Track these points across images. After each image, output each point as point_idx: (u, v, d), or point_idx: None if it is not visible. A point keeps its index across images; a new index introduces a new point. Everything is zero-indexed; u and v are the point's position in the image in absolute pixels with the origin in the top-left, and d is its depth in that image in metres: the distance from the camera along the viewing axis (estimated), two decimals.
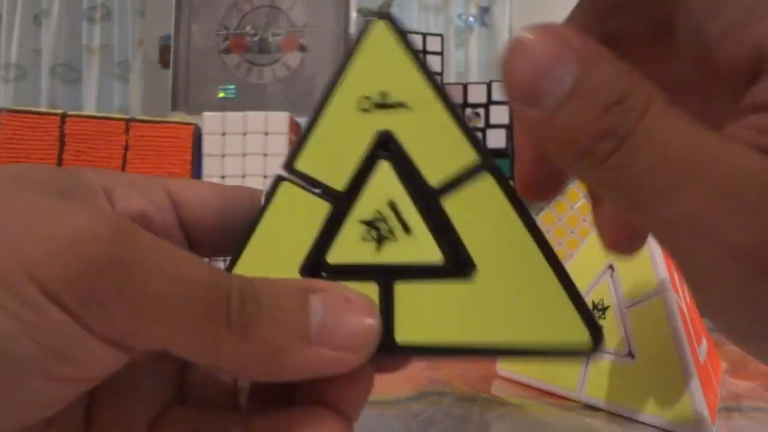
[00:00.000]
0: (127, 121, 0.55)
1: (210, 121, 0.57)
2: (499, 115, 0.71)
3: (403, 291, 0.17)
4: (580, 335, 0.16)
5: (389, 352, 0.17)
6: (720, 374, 0.34)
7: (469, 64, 2.21)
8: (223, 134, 0.57)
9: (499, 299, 0.16)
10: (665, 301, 0.28)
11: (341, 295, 0.15)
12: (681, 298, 0.29)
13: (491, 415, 0.28)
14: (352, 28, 0.70)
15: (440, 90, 0.17)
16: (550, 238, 0.48)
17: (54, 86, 1.80)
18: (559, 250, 0.48)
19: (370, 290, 0.17)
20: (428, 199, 0.17)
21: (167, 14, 0.73)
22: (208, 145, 0.57)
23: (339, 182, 0.17)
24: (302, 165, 0.17)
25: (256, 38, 0.71)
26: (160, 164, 0.54)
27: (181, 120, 0.57)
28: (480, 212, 0.17)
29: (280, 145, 0.57)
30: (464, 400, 0.30)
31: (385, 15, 0.18)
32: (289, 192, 0.17)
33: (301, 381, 0.16)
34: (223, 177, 0.57)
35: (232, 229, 0.19)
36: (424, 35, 0.68)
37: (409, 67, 0.17)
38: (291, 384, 0.17)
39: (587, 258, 0.31)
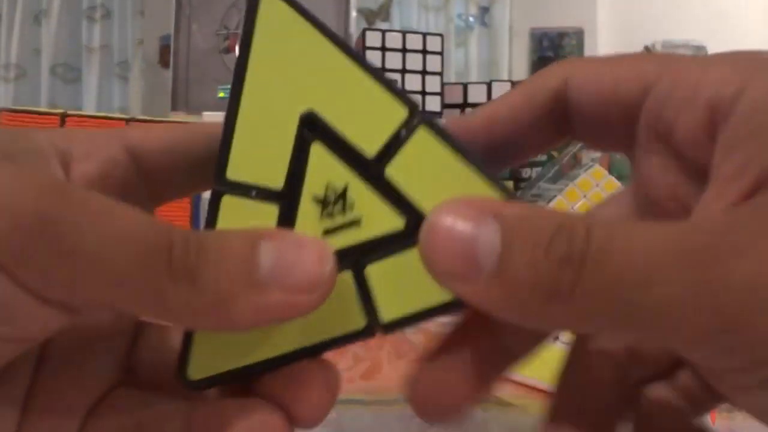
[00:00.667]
0: (127, 121, 0.55)
1: (210, 120, 0.57)
2: None
3: (375, 270, 0.16)
4: None
5: (380, 332, 0.16)
6: None
7: (469, 63, 2.21)
8: None
9: None
10: None
11: (293, 240, 0.15)
12: None
13: (491, 415, 0.28)
14: (352, 28, 0.70)
15: (351, 52, 0.16)
16: None
17: (54, 86, 1.80)
18: None
19: (345, 279, 0.16)
20: (371, 170, 0.16)
21: (167, 14, 0.73)
22: None
23: (277, 180, 0.17)
24: (233, 173, 0.17)
25: None
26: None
27: (181, 120, 0.57)
28: (425, 168, 0.16)
29: None
30: None
31: None
32: (231, 204, 0.17)
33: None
34: None
35: (190, 170, 0.19)
36: (424, 35, 0.68)
37: (312, 38, 0.16)
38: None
39: None
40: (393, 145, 0.16)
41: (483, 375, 0.16)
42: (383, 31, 0.68)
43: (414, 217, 0.17)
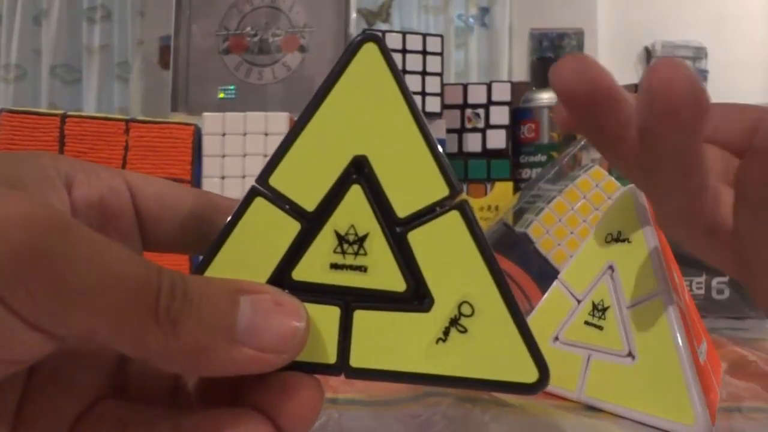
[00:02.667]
0: (127, 121, 0.55)
1: (210, 121, 0.57)
2: (499, 115, 0.71)
3: (362, 317, 0.17)
4: (529, 374, 0.17)
5: (344, 374, 0.17)
6: (720, 374, 0.34)
7: (469, 64, 2.21)
8: (223, 135, 0.57)
9: (452, 333, 0.17)
10: (665, 302, 0.28)
11: (271, 298, 0.16)
12: (681, 299, 0.29)
13: (491, 415, 0.28)
14: (352, 28, 0.70)
15: (420, 120, 0.18)
16: (550, 238, 0.48)
17: (54, 86, 1.81)
18: (559, 250, 0.48)
19: (331, 313, 0.17)
20: (395, 229, 0.18)
21: (167, 14, 0.73)
22: (208, 146, 0.57)
23: (310, 202, 0.18)
24: (276, 181, 0.18)
25: (256, 38, 0.71)
26: (160, 165, 0.54)
27: (181, 120, 0.57)
28: (443, 248, 0.18)
29: None
30: (464, 401, 0.30)
31: (374, 36, 0.18)
32: (261, 207, 0.18)
33: (227, 380, 0.16)
34: (223, 177, 0.57)
35: (182, 226, 0.20)
36: (424, 35, 0.68)
37: (393, 94, 0.18)
38: (235, 386, 0.18)
39: (587, 258, 0.31)
40: (424, 215, 0.18)
41: None
42: (383, 32, 0.68)
43: (417, 285, 0.18)
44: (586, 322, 0.30)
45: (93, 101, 1.79)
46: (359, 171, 0.18)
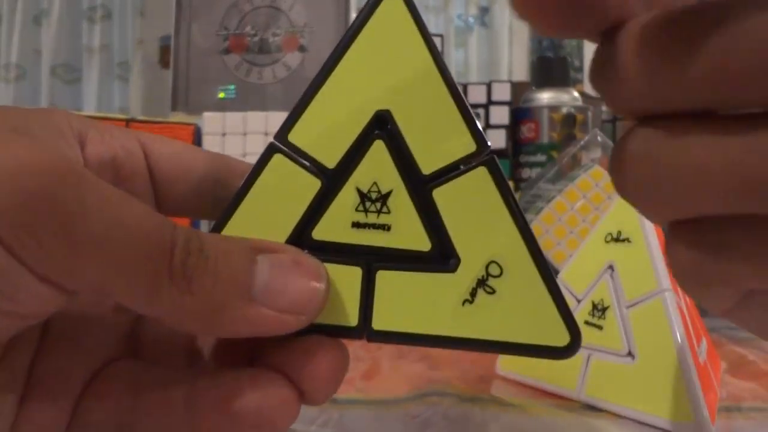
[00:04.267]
0: (127, 121, 0.55)
1: (210, 121, 0.57)
2: (499, 115, 0.71)
3: (384, 278, 0.17)
4: (560, 337, 0.16)
5: (366, 337, 0.17)
6: (720, 374, 0.34)
7: (469, 64, 2.21)
8: (223, 134, 0.57)
9: (479, 295, 0.17)
10: (665, 301, 0.28)
11: (290, 257, 0.15)
12: (681, 298, 0.29)
13: (491, 415, 0.28)
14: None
15: (447, 74, 0.17)
16: (550, 238, 0.48)
17: (54, 86, 1.80)
18: (559, 250, 0.48)
19: (353, 274, 0.17)
20: (420, 186, 0.17)
21: (167, 14, 0.73)
22: (208, 145, 0.57)
23: (331, 159, 0.17)
24: (296, 137, 0.17)
25: (256, 38, 0.71)
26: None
27: (181, 120, 0.57)
28: (470, 205, 0.17)
29: None
30: (464, 401, 0.30)
31: None
32: (280, 164, 0.17)
33: (243, 339, 0.16)
34: None
35: (197, 189, 0.19)
36: None
37: (418, 47, 0.17)
38: (254, 350, 0.17)
39: (587, 258, 0.31)
40: (450, 171, 0.17)
41: None
42: None
43: (442, 244, 0.17)
44: (586, 322, 0.30)
45: (93, 101, 1.79)
46: (382, 126, 0.17)
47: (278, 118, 0.57)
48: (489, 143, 0.17)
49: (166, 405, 0.16)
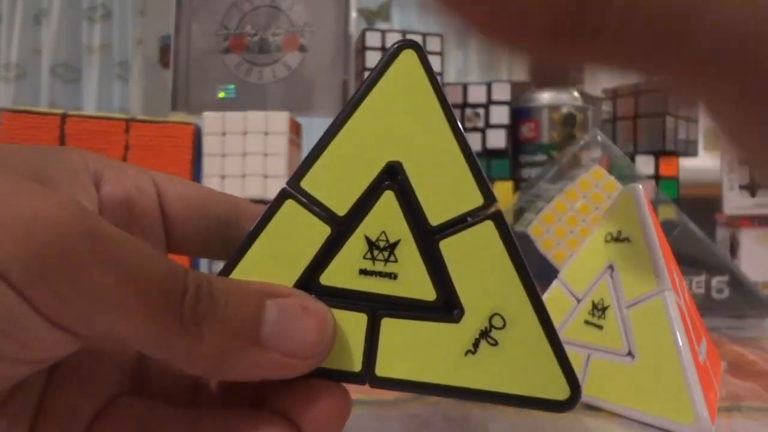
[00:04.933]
0: (128, 121, 0.55)
1: (210, 121, 0.57)
2: (499, 115, 0.71)
3: (389, 325, 0.17)
4: (560, 391, 0.17)
5: (369, 383, 0.17)
6: (720, 374, 0.34)
7: (469, 64, 2.21)
8: (223, 134, 0.57)
9: (482, 346, 0.17)
10: (665, 301, 0.28)
11: (298, 302, 0.16)
12: (681, 298, 0.29)
13: (491, 415, 0.28)
14: (352, 28, 0.70)
15: (457, 129, 0.17)
16: (550, 238, 0.48)
17: (54, 86, 1.80)
18: (559, 250, 0.48)
19: (359, 320, 0.17)
20: (427, 237, 0.17)
21: (167, 14, 0.73)
22: (208, 145, 0.57)
23: (342, 207, 0.17)
24: (308, 184, 0.17)
25: (256, 38, 0.71)
26: (160, 164, 0.54)
27: (181, 120, 0.57)
28: (476, 258, 0.17)
29: (280, 145, 0.57)
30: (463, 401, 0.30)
31: (413, 44, 0.17)
32: (292, 209, 0.17)
33: (251, 382, 0.16)
34: (223, 177, 0.57)
35: (207, 229, 0.19)
36: (424, 35, 0.68)
37: (431, 102, 0.17)
38: (258, 390, 0.17)
39: (587, 258, 0.31)
40: (457, 224, 0.17)
41: None
42: (383, 32, 0.68)
43: (447, 295, 0.17)
44: (586, 322, 0.30)
45: (93, 101, 1.79)
46: (392, 177, 0.17)
47: (278, 117, 0.57)
48: (496, 198, 0.17)
49: None
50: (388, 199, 0.17)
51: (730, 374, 0.35)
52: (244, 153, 0.57)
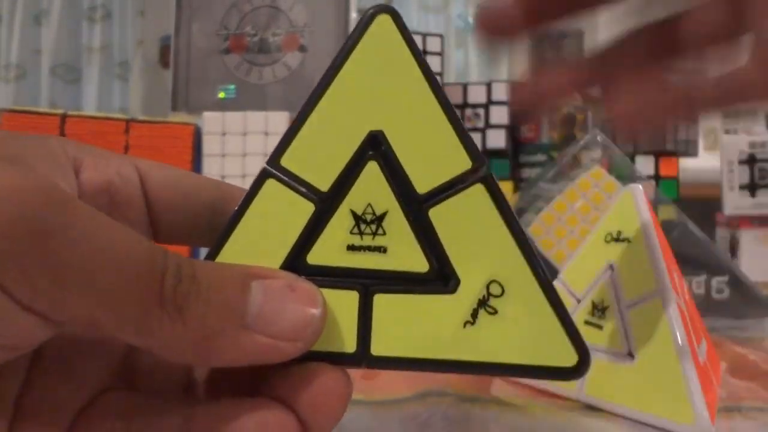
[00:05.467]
0: (127, 121, 0.55)
1: (210, 121, 0.57)
2: (499, 115, 0.71)
3: (382, 302, 0.16)
4: (568, 357, 0.16)
5: (365, 364, 0.16)
6: (720, 374, 0.34)
7: (469, 64, 2.21)
8: (223, 134, 0.57)
9: (481, 316, 0.16)
10: (665, 301, 0.28)
11: (284, 283, 0.15)
12: (681, 298, 0.29)
13: (491, 415, 0.28)
14: (352, 28, 0.70)
15: (439, 92, 0.17)
16: (550, 238, 0.48)
17: (54, 86, 1.80)
18: (559, 250, 0.48)
19: (350, 298, 0.16)
20: (415, 206, 0.17)
21: (167, 14, 0.73)
22: (208, 145, 0.57)
23: (324, 182, 0.17)
24: (288, 161, 0.17)
25: (256, 38, 0.71)
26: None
27: (181, 120, 0.57)
28: (468, 224, 0.17)
29: None
30: (464, 401, 0.30)
31: (388, 8, 0.17)
32: (274, 189, 0.17)
33: (239, 368, 0.15)
34: (223, 177, 0.57)
35: (194, 216, 0.19)
36: (424, 35, 0.68)
37: (409, 66, 0.17)
38: (252, 375, 0.17)
39: (587, 258, 0.31)
40: (446, 190, 0.16)
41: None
42: None
43: (440, 265, 0.17)
44: (586, 322, 0.30)
45: (93, 101, 1.79)
46: (375, 147, 0.17)
47: (278, 117, 0.57)
48: (485, 159, 0.17)
49: None
50: (372, 170, 0.17)
51: (730, 374, 0.35)
52: (244, 153, 0.57)
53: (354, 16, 0.71)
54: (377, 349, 0.16)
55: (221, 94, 0.70)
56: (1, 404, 0.15)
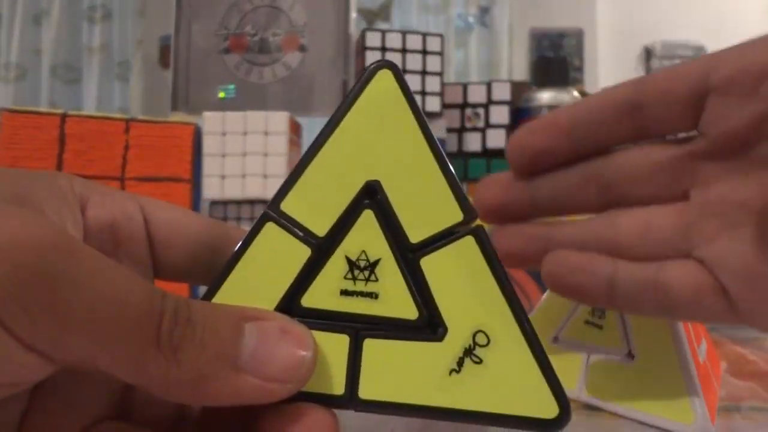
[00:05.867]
0: (128, 121, 0.55)
1: (210, 121, 0.57)
2: (499, 115, 0.71)
3: (372, 346, 0.17)
4: (549, 409, 0.17)
5: (352, 407, 0.17)
6: (720, 374, 0.34)
7: (469, 64, 2.21)
8: (223, 134, 0.57)
9: (466, 364, 0.17)
10: None
11: (277, 325, 0.15)
12: None
13: None
14: (352, 28, 0.70)
15: (435, 146, 0.17)
16: None
17: (54, 86, 1.81)
18: None
19: (341, 342, 0.17)
20: (408, 255, 0.17)
21: (167, 14, 0.73)
22: (208, 145, 0.57)
23: (321, 227, 0.17)
24: (288, 206, 0.17)
25: (256, 38, 0.71)
26: (160, 164, 0.54)
27: (181, 120, 0.57)
28: (457, 274, 0.17)
29: (280, 145, 0.57)
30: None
31: (389, 64, 0.18)
32: (272, 232, 0.17)
33: (233, 408, 0.16)
34: (223, 177, 0.57)
35: (194, 255, 0.19)
36: (424, 35, 0.68)
37: (407, 120, 0.17)
38: (242, 414, 0.17)
39: None
40: (438, 241, 0.17)
41: None
42: (383, 32, 0.68)
43: (429, 313, 0.17)
44: (586, 322, 0.30)
45: (93, 101, 1.79)
46: (372, 196, 0.17)
47: (278, 117, 0.57)
48: (476, 213, 0.17)
49: None
50: (368, 218, 0.17)
51: (730, 374, 0.35)
52: (244, 153, 0.57)
53: (354, 16, 0.71)
54: (365, 392, 0.17)
55: (221, 94, 0.70)
56: (5, 429, 0.16)
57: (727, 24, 2.33)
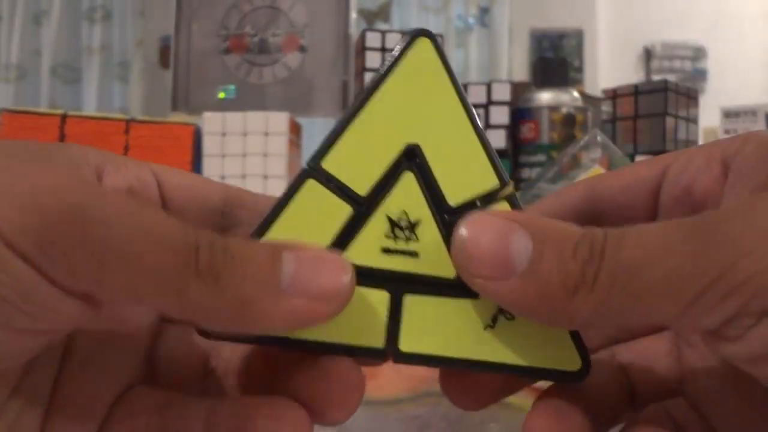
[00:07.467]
0: (127, 121, 0.55)
1: (210, 121, 0.57)
2: (499, 115, 0.71)
3: (412, 303, 0.18)
4: (573, 362, 0.18)
5: (393, 358, 0.17)
6: None
7: (469, 64, 2.22)
8: (223, 134, 0.57)
9: (500, 320, 0.18)
10: None
11: (314, 253, 0.16)
12: None
13: (490, 415, 0.28)
14: (352, 28, 0.70)
15: (471, 113, 0.18)
16: None
17: (54, 86, 1.81)
18: None
19: (381, 298, 0.17)
20: (446, 217, 0.18)
21: (167, 14, 0.73)
22: (208, 146, 0.57)
23: (363, 187, 0.18)
24: (329, 165, 0.18)
25: (256, 38, 0.71)
26: (161, 164, 0.54)
27: (181, 120, 0.57)
28: None
29: (280, 146, 0.57)
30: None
31: (428, 32, 0.18)
32: (313, 189, 0.18)
33: (263, 365, 0.16)
34: (223, 177, 0.57)
35: (204, 218, 0.20)
36: None
37: (446, 88, 0.18)
38: (273, 375, 0.17)
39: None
40: (475, 205, 0.18)
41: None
42: (383, 32, 0.68)
43: None
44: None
45: (93, 101, 1.79)
46: (411, 159, 0.18)
47: (278, 118, 0.57)
48: (509, 180, 0.18)
49: None
50: (408, 180, 0.18)
51: None
52: (244, 153, 0.57)
53: (354, 17, 0.71)
54: (405, 346, 0.17)
55: (221, 94, 0.70)
56: (36, 395, 0.16)
57: (726, 24, 2.33)
